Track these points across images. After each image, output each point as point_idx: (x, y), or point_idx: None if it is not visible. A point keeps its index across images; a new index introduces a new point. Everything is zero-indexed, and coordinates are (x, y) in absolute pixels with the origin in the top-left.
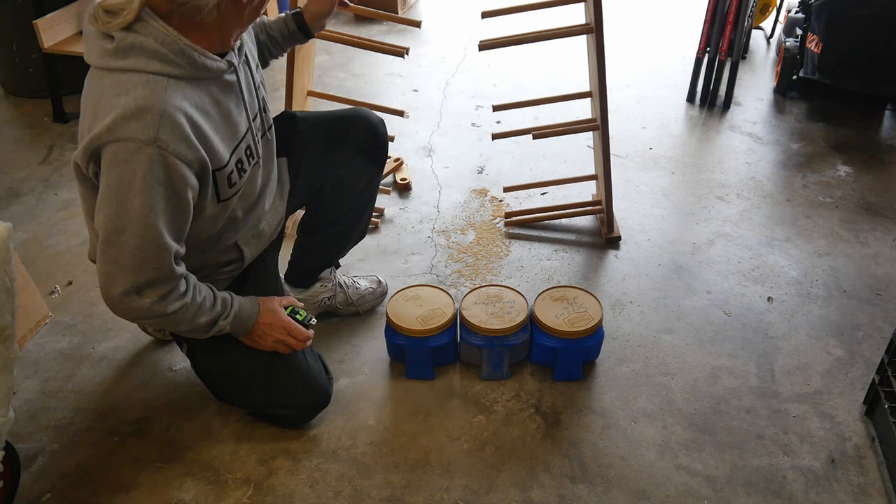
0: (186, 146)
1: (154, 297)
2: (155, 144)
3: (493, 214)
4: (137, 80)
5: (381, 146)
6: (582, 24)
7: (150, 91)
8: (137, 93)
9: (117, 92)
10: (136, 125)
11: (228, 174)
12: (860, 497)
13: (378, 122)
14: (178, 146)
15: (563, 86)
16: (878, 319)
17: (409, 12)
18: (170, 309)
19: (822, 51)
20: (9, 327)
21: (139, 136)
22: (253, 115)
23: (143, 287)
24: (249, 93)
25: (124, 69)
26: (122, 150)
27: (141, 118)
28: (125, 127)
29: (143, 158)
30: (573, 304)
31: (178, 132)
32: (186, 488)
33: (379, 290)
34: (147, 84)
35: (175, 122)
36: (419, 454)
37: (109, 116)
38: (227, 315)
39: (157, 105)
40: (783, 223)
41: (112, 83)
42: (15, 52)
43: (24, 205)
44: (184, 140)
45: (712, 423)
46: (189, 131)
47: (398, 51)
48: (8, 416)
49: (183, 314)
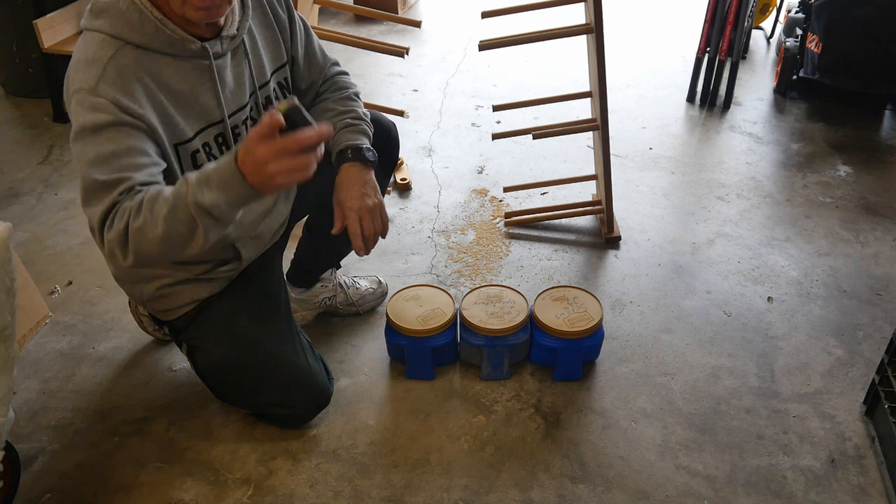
0: (127, 98)
1: (107, 227)
2: (94, 92)
3: (493, 214)
4: (97, 38)
5: (393, 151)
6: (582, 24)
7: (101, 47)
8: (90, 48)
9: (78, 49)
10: (82, 76)
11: (193, 152)
12: (860, 497)
13: (389, 126)
14: (116, 95)
15: (563, 86)
16: (878, 319)
17: (409, 12)
18: (122, 224)
19: (822, 51)
20: (9, 327)
21: (82, 85)
22: (235, 108)
23: (98, 225)
24: (238, 85)
25: (92, 29)
26: (73, 101)
27: (87, 69)
28: (74, 79)
29: (85, 106)
30: (573, 304)
31: (118, 84)
32: (186, 488)
33: (379, 291)
34: (102, 42)
35: (118, 75)
36: (419, 454)
37: (69, 73)
38: (195, 185)
39: (102, 59)
40: (783, 223)
41: (79, 43)
42: (15, 52)
43: (24, 205)
44: (124, 92)
45: (712, 423)
46: (133, 87)
47: (398, 51)
48: (8, 416)
49: (137, 220)
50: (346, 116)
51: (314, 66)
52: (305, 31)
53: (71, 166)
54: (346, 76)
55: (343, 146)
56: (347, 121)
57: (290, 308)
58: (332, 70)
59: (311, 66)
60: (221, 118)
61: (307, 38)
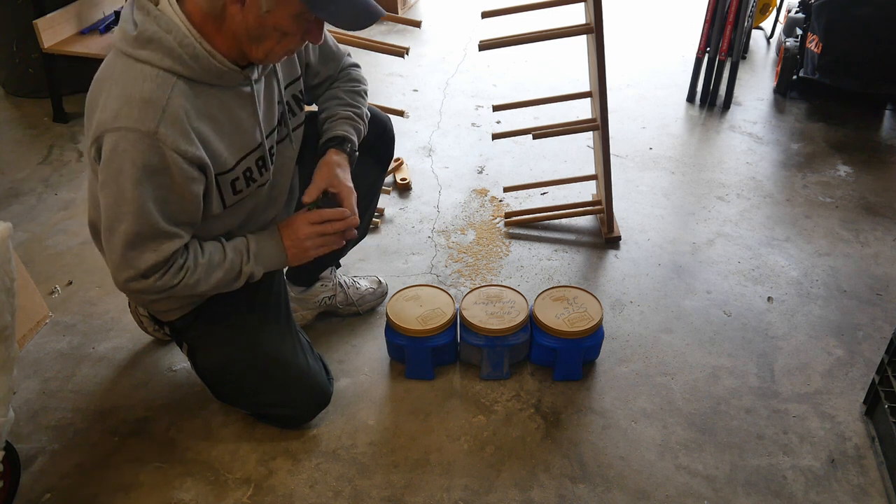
0: (186, 142)
1: (157, 275)
2: (154, 137)
3: (493, 214)
4: (148, 72)
5: (388, 145)
6: (582, 24)
7: (157, 86)
8: (145, 85)
9: (125, 80)
10: (139, 116)
11: (233, 180)
12: (860, 497)
13: (385, 120)
14: (177, 141)
15: (563, 86)
16: (878, 319)
17: (409, 12)
18: (176, 280)
19: (822, 51)
20: (9, 327)
21: (139, 127)
22: (269, 130)
23: (145, 271)
24: (269, 106)
25: (138, 59)
26: (121, 139)
27: (144, 110)
28: (128, 117)
29: (141, 149)
30: (573, 304)
31: (178, 128)
32: (186, 488)
33: (379, 291)
34: (156, 79)
35: (176, 117)
36: (419, 454)
37: (115, 105)
38: (249, 259)
39: (161, 99)
40: (783, 223)
41: (123, 70)
42: (15, 52)
43: (24, 205)
44: (183, 136)
45: (712, 423)
46: (189, 129)
47: (398, 51)
48: (8, 416)
49: (192, 278)
50: (350, 109)
51: (330, 62)
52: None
53: (71, 166)
54: (359, 69)
55: (336, 134)
56: (350, 113)
57: (290, 308)
58: (347, 61)
59: (327, 63)
60: (261, 142)
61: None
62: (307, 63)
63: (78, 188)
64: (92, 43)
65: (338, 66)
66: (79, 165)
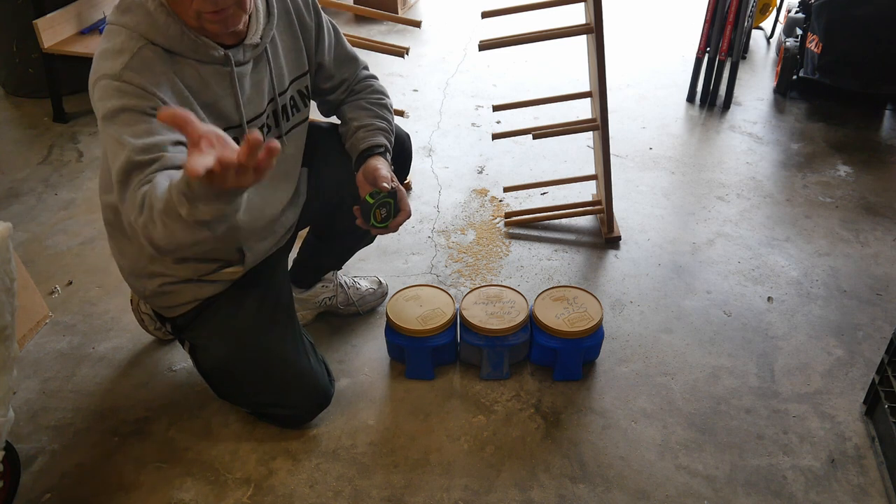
0: (154, 86)
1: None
2: (120, 79)
3: (493, 214)
4: (122, 31)
5: (405, 162)
6: (582, 24)
7: (130, 39)
8: (118, 39)
9: (105, 40)
10: (108, 64)
11: None
12: (860, 497)
13: (404, 138)
14: (143, 83)
15: (563, 86)
16: (878, 319)
17: (409, 12)
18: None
19: (822, 51)
20: (9, 327)
21: (107, 72)
22: (250, 116)
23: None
24: (256, 93)
25: (119, 24)
26: (95, 88)
27: (114, 58)
28: (101, 68)
29: (109, 91)
30: (573, 304)
31: (145, 73)
32: (186, 488)
33: (379, 291)
34: (128, 35)
35: (144, 64)
36: (419, 454)
37: (94, 63)
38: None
39: (130, 49)
40: (783, 223)
41: (106, 34)
42: (15, 52)
43: (24, 205)
44: (151, 81)
45: (712, 423)
46: (158, 77)
47: (398, 51)
48: (8, 416)
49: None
50: (383, 122)
51: (345, 66)
52: (335, 35)
53: (71, 166)
54: (377, 80)
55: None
56: (384, 125)
57: (293, 309)
58: (364, 72)
59: (342, 66)
60: (240, 123)
61: (337, 42)
62: (320, 63)
63: (78, 188)
64: (92, 43)
65: (354, 71)
66: (79, 165)
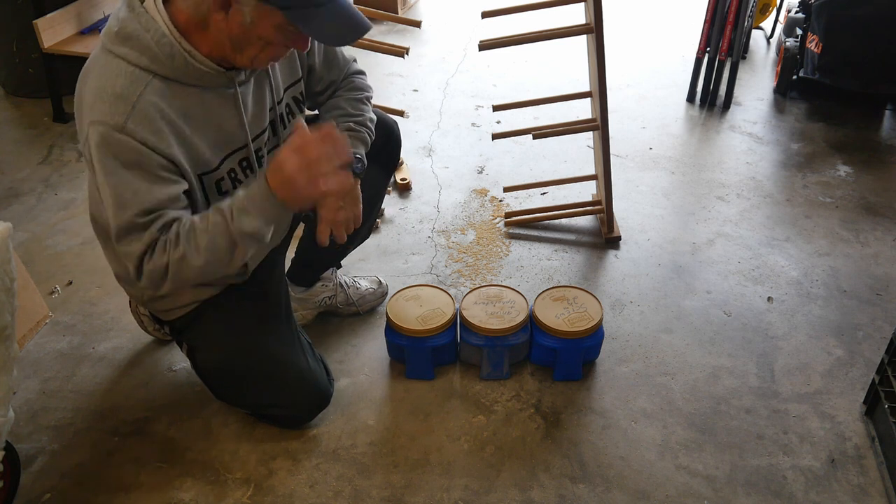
0: (156, 139)
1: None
2: (123, 131)
3: (493, 214)
4: (124, 68)
5: (394, 151)
6: (582, 24)
7: (130, 82)
8: (118, 81)
9: (102, 75)
10: (109, 110)
11: (218, 181)
12: (860, 497)
13: (391, 125)
14: (145, 136)
15: (563, 86)
16: (878, 319)
17: (409, 12)
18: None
19: (822, 51)
20: (9, 327)
21: (108, 120)
22: (256, 133)
23: (137, 263)
24: (259, 109)
25: (116, 55)
26: (93, 132)
27: (114, 104)
28: (100, 111)
29: (110, 142)
30: (573, 304)
31: (147, 124)
32: (186, 488)
33: (379, 291)
34: (130, 75)
35: (146, 114)
36: (419, 454)
37: (90, 98)
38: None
39: (132, 96)
40: (783, 223)
41: (102, 65)
42: (15, 52)
43: (24, 205)
44: (154, 133)
45: (712, 423)
46: (161, 126)
47: (398, 51)
48: (8, 416)
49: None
50: (351, 120)
51: (334, 68)
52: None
53: (71, 166)
54: (363, 76)
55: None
56: (350, 125)
57: (290, 309)
58: (352, 68)
59: (331, 68)
60: (245, 143)
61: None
62: (311, 66)
63: (78, 188)
64: (92, 43)
65: (342, 73)
66: (79, 165)
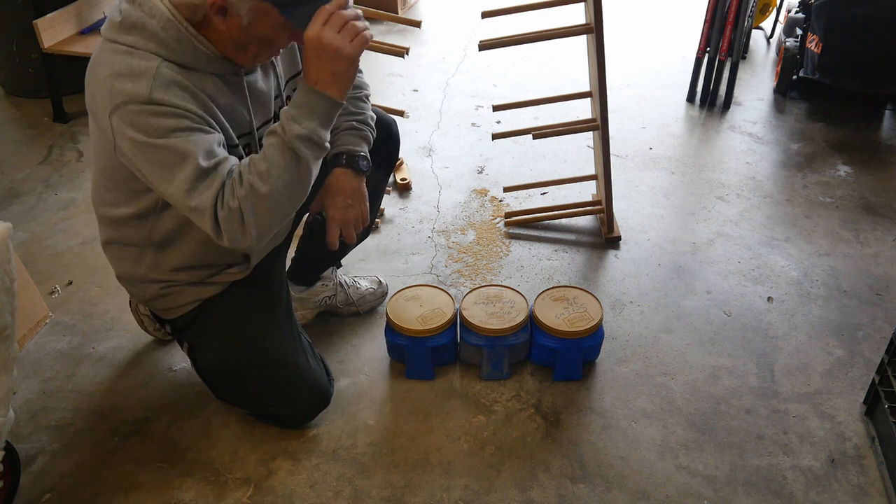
0: (185, 102)
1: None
2: (151, 101)
3: (493, 214)
4: (133, 52)
5: (393, 149)
6: (582, 24)
7: (143, 59)
8: (132, 61)
9: (111, 62)
10: (131, 88)
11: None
12: (860, 497)
13: (390, 123)
14: (174, 100)
15: (563, 86)
16: (878, 319)
17: (409, 12)
18: (235, 199)
19: (822, 51)
20: (9, 327)
21: (133, 97)
22: (262, 121)
23: (213, 210)
24: (266, 98)
25: (123, 43)
26: (124, 115)
27: (135, 81)
28: (120, 93)
29: (145, 115)
30: (573, 304)
31: (172, 90)
32: (186, 488)
33: (379, 291)
34: (140, 55)
35: (169, 81)
36: (419, 454)
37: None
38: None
39: (149, 70)
40: (783, 223)
41: (109, 54)
42: (15, 52)
43: (24, 205)
44: (181, 97)
45: (712, 423)
46: (186, 94)
47: (398, 51)
48: (8, 416)
49: (243, 188)
50: (353, 118)
51: None
52: None
53: (71, 166)
54: (360, 74)
55: (341, 150)
56: (353, 123)
57: (291, 309)
58: None
59: None
60: (250, 130)
61: None
62: None
63: (78, 188)
64: (92, 43)
65: None
66: (79, 165)
